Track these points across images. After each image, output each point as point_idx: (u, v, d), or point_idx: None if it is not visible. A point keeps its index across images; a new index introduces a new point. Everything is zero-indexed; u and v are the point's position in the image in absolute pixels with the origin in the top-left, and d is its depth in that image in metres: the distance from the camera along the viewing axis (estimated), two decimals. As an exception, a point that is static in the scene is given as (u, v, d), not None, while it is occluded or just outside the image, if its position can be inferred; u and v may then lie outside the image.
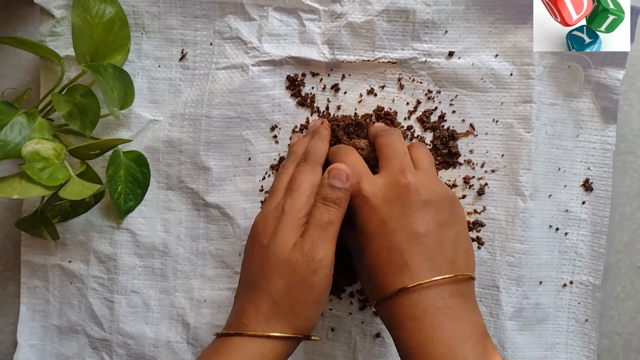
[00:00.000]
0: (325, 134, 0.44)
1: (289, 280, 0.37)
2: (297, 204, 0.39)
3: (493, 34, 0.46)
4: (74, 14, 0.43)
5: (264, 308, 0.37)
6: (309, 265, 0.37)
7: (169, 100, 0.49)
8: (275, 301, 0.37)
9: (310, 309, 0.38)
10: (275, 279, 0.37)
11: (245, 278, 0.40)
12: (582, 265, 0.48)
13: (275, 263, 0.38)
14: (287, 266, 0.37)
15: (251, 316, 0.37)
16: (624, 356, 0.49)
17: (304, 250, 0.37)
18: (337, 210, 0.38)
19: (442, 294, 0.36)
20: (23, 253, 0.50)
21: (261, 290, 0.38)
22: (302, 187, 0.40)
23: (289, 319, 0.37)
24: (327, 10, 0.47)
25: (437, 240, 0.37)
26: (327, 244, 0.37)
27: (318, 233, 0.37)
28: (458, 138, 0.47)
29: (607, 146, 0.47)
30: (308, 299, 0.37)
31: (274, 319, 0.37)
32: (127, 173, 0.48)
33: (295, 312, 0.37)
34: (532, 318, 0.47)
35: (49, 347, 0.51)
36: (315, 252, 0.37)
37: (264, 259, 0.38)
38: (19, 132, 0.42)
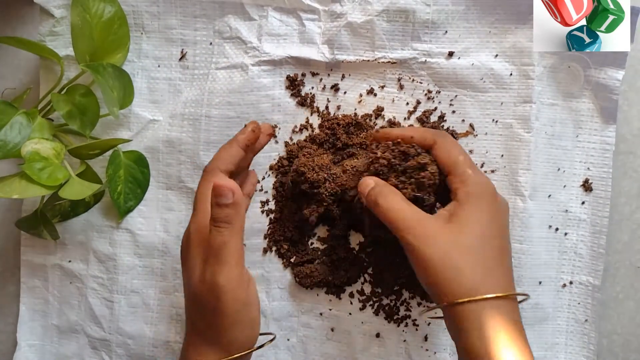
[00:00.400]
0: (240, 138, 0.41)
1: (201, 312, 0.37)
2: (195, 228, 0.38)
3: (493, 34, 0.46)
4: (73, 13, 0.43)
5: (194, 340, 0.38)
6: (212, 293, 0.36)
7: (169, 100, 0.49)
8: (201, 333, 0.37)
9: (231, 332, 0.36)
10: (193, 313, 0.38)
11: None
12: (582, 266, 0.48)
13: (189, 297, 0.38)
14: (196, 299, 0.37)
15: (188, 350, 0.38)
16: (624, 356, 0.49)
17: (205, 281, 0.36)
18: (229, 229, 0.36)
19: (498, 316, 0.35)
20: (23, 253, 0.50)
21: (190, 324, 0.38)
22: (199, 207, 0.39)
23: (217, 344, 0.36)
24: (327, 10, 0.47)
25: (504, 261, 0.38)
26: (225, 267, 0.36)
27: (214, 259, 0.36)
28: (458, 138, 0.47)
29: (606, 146, 0.47)
30: (224, 323, 0.36)
31: (204, 350, 0.37)
32: (126, 173, 0.48)
33: (218, 338, 0.36)
34: (531, 318, 0.47)
35: (49, 346, 0.51)
36: (215, 279, 0.35)
37: (184, 291, 0.39)
38: (18, 132, 0.42)
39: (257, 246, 0.49)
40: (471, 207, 0.37)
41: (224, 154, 0.41)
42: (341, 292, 0.49)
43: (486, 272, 0.36)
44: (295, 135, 0.48)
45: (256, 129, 0.42)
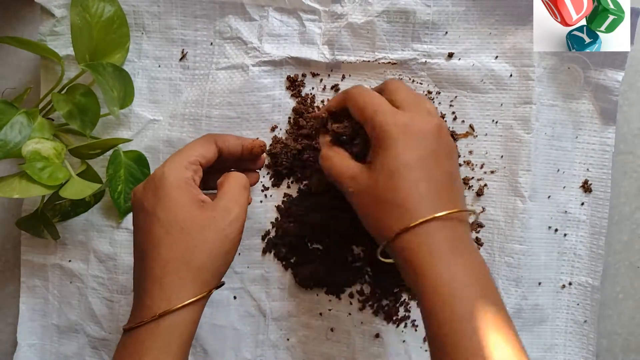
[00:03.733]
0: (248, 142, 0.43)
1: (200, 238, 0.36)
2: (180, 168, 0.38)
3: (493, 35, 0.46)
4: (73, 13, 0.43)
5: (168, 277, 0.35)
6: (225, 218, 0.37)
7: (169, 100, 0.49)
8: (183, 263, 0.36)
9: (223, 260, 0.37)
10: (180, 242, 0.36)
11: (138, 255, 0.38)
12: (581, 267, 0.48)
13: (178, 227, 0.36)
14: (196, 225, 0.36)
15: (155, 294, 0.35)
16: (624, 356, 0.49)
17: (218, 206, 0.37)
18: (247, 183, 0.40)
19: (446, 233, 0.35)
20: (23, 252, 0.50)
21: (160, 260, 0.36)
22: (186, 152, 0.39)
23: (199, 276, 0.36)
24: (328, 11, 0.47)
25: (459, 180, 0.39)
26: (243, 203, 0.39)
27: (232, 193, 0.38)
28: (458, 139, 0.47)
29: (606, 147, 0.47)
30: (222, 250, 0.37)
31: (180, 286, 0.35)
32: (127, 172, 0.48)
33: (207, 266, 0.36)
34: (530, 319, 0.47)
35: (49, 346, 0.51)
36: (232, 207, 0.38)
37: (155, 226, 0.37)
38: (19, 132, 0.42)
39: (257, 246, 0.49)
40: (382, 149, 0.37)
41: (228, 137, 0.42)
42: (341, 292, 0.49)
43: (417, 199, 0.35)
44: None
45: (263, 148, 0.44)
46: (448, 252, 0.35)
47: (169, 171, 0.38)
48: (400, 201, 0.36)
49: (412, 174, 0.36)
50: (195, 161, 0.39)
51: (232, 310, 0.49)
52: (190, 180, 0.38)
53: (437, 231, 0.35)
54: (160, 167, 0.38)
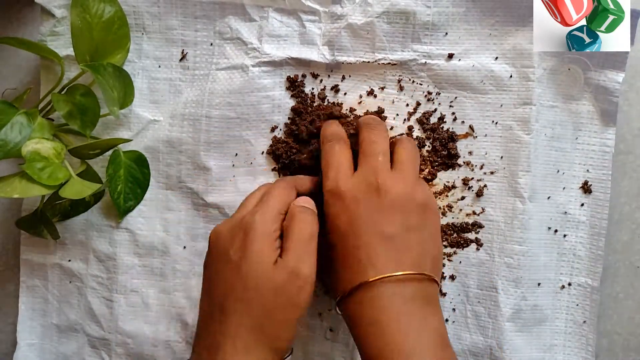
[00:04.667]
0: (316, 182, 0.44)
1: (272, 300, 0.35)
2: (268, 218, 0.37)
3: (493, 36, 0.46)
4: (73, 13, 0.43)
5: (243, 336, 0.34)
6: (295, 283, 0.35)
7: (169, 101, 0.49)
8: (257, 326, 0.34)
9: (294, 328, 0.36)
10: (254, 299, 0.35)
11: (210, 301, 0.37)
12: (581, 267, 0.48)
13: (254, 282, 0.35)
14: (270, 285, 0.35)
15: (228, 350, 0.34)
16: (623, 356, 0.49)
17: (289, 268, 0.35)
18: (314, 220, 0.38)
19: (404, 292, 0.35)
20: (22, 252, 0.50)
21: (237, 316, 0.35)
22: (275, 200, 0.39)
23: (271, 344, 0.35)
24: (328, 12, 0.47)
25: (404, 242, 0.37)
26: (311, 259, 0.36)
27: (301, 247, 0.36)
28: (457, 140, 0.47)
29: (606, 149, 0.47)
30: (293, 317, 0.35)
31: (254, 347, 0.34)
32: (127, 173, 0.48)
33: (278, 334, 0.35)
34: (530, 319, 0.47)
35: (48, 346, 0.51)
36: (302, 267, 0.35)
37: (236, 279, 0.35)
38: (19, 132, 0.42)
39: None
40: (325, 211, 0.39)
41: (304, 180, 0.44)
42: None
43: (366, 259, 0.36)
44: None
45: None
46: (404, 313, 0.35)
47: (260, 221, 0.37)
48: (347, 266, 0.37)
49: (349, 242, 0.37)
50: (281, 210, 0.38)
51: (231, 310, 0.49)
52: (276, 233, 0.37)
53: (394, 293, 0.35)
54: (251, 214, 0.37)
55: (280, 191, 0.40)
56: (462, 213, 0.48)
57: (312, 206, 0.40)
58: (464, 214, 0.48)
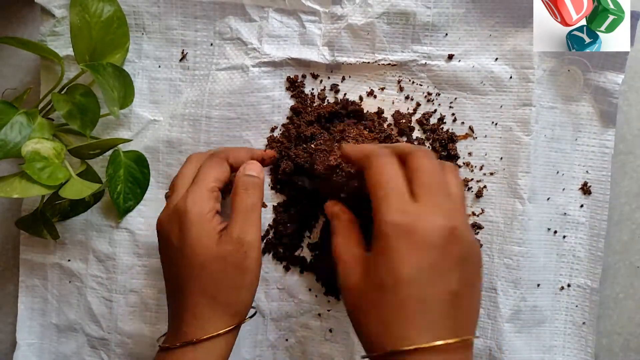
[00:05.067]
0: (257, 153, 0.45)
1: (221, 273, 0.38)
2: (199, 197, 0.39)
3: (493, 37, 0.46)
4: (72, 13, 0.43)
5: (200, 310, 0.38)
6: (239, 250, 0.38)
7: (169, 101, 0.49)
8: (211, 298, 0.38)
9: (247, 292, 0.39)
10: (204, 277, 0.38)
11: (170, 285, 0.40)
12: (580, 268, 0.48)
13: (199, 260, 0.38)
14: (216, 260, 0.37)
15: (190, 322, 0.38)
16: (623, 355, 0.49)
17: (232, 239, 0.38)
18: (257, 193, 0.40)
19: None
20: (22, 252, 0.50)
21: (191, 293, 0.38)
22: (206, 180, 0.40)
23: (228, 309, 0.38)
24: (328, 12, 0.47)
25: (466, 302, 0.33)
26: (254, 227, 0.39)
27: (243, 217, 0.38)
28: (457, 140, 0.47)
29: (605, 150, 0.47)
30: (244, 283, 0.38)
31: (213, 317, 0.38)
32: (126, 173, 0.48)
33: (232, 300, 0.38)
34: (529, 320, 0.47)
35: (48, 345, 0.51)
36: (244, 236, 0.38)
37: (182, 260, 0.38)
38: (18, 132, 0.42)
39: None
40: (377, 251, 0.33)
41: (237, 151, 0.43)
42: (340, 293, 0.49)
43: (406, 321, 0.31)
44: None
45: (273, 158, 0.46)
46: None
47: (192, 205, 0.39)
48: (387, 319, 0.32)
49: (403, 291, 0.31)
50: (213, 188, 0.40)
51: (231, 310, 0.49)
52: (210, 213, 0.39)
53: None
54: (183, 200, 0.39)
55: (210, 169, 0.41)
56: (461, 214, 0.48)
57: (259, 172, 0.41)
58: (464, 215, 0.48)
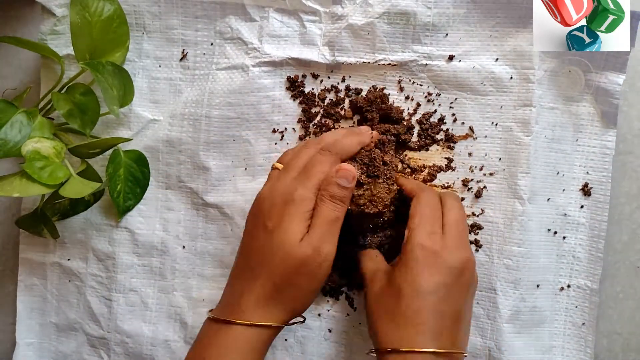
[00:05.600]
0: (366, 136, 0.44)
1: (294, 271, 0.38)
2: (307, 194, 0.39)
3: (494, 37, 0.46)
4: (73, 12, 0.43)
5: (264, 294, 0.38)
6: (316, 259, 0.38)
7: (169, 100, 0.49)
8: (277, 288, 0.38)
9: (310, 296, 0.40)
10: (279, 267, 0.38)
11: (245, 260, 0.41)
12: (580, 269, 0.48)
13: (281, 253, 0.38)
14: (295, 258, 0.38)
15: (250, 302, 0.39)
16: (624, 355, 0.49)
17: (313, 245, 0.38)
18: (343, 208, 0.40)
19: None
20: (21, 251, 0.50)
21: (263, 276, 0.39)
22: (316, 177, 0.40)
23: (289, 304, 0.39)
24: (328, 12, 0.47)
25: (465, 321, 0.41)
26: (333, 239, 0.39)
27: (326, 228, 0.39)
28: (457, 141, 0.47)
29: (606, 151, 0.47)
30: (310, 287, 0.39)
31: (272, 305, 0.39)
32: (126, 172, 0.48)
33: (295, 298, 0.39)
34: (529, 321, 0.47)
35: (47, 344, 0.51)
36: (323, 246, 0.38)
37: (267, 246, 0.39)
38: (19, 131, 0.42)
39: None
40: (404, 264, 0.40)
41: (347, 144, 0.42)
42: (339, 294, 0.49)
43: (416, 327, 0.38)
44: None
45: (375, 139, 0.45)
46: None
47: (299, 199, 0.39)
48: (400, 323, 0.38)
49: (419, 301, 0.38)
50: (319, 185, 0.40)
51: (230, 310, 0.49)
52: (309, 212, 0.39)
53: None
54: (291, 188, 0.40)
55: (323, 167, 0.40)
56: (461, 214, 0.48)
57: (351, 181, 0.40)
58: (464, 215, 0.48)
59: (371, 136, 0.44)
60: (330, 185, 0.40)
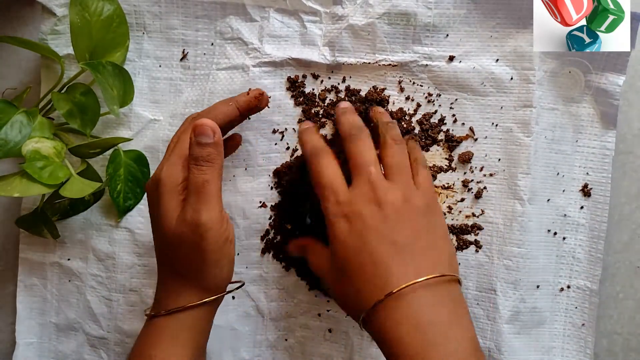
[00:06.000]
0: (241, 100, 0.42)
1: (182, 253, 0.37)
2: (173, 169, 0.38)
3: (494, 38, 0.46)
4: (72, 11, 0.43)
5: (171, 282, 0.39)
6: (195, 232, 0.36)
7: (170, 100, 0.49)
8: (177, 273, 0.38)
9: (213, 269, 0.38)
10: (170, 253, 0.38)
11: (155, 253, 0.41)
12: (580, 270, 0.48)
13: (165, 240, 0.38)
14: (176, 240, 0.37)
15: (162, 294, 0.39)
16: (624, 355, 0.49)
17: (186, 221, 0.36)
18: (211, 168, 0.37)
19: (431, 296, 0.35)
20: (22, 251, 0.50)
21: (163, 266, 0.40)
22: (178, 147, 0.39)
23: (197, 285, 0.38)
24: (329, 12, 0.47)
25: (418, 248, 0.37)
26: (207, 205, 0.36)
27: (195, 198, 0.37)
28: (458, 141, 0.47)
29: (606, 151, 0.47)
30: (206, 263, 0.37)
31: (183, 291, 0.38)
32: (126, 172, 0.48)
33: (199, 277, 0.38)
34: (528, 322, 0.47)
35: (47, 344, 0.51)
36: (198, 217, 0.36)
37: (156, 233, 0.40)
38: (19, 131, 0.42)
39: (255, 246, 0.49)
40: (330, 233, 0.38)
41: (218, 108, 0.41)
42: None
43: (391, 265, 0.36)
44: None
45: (260, 97, 0.43)
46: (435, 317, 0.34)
47: (165, 175, 0.38)
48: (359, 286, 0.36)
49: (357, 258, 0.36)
50: (185, 153, 0.38)
51: (230, 310, 0.49)
52: (180, 185, 0.38)
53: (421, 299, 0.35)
54: (159, 168, 0.39)
55: (185, 135, 0.39)
56: (461, 215, 0.48)
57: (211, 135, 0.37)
58: (464, 216, 0.48)
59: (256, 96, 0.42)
60: (191, 147, 0.37)
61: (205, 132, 0.37)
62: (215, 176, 0.37)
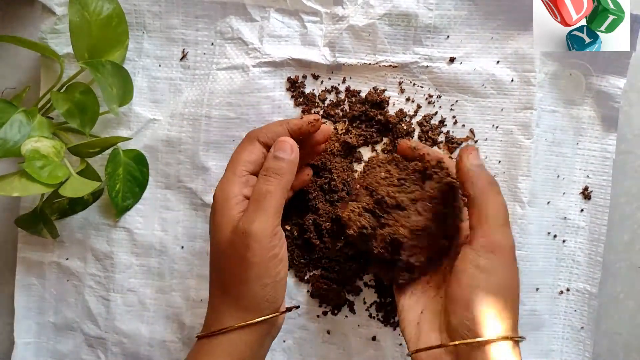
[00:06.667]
0: (292, 122, 0.40)
1: (229, 264, 0.36)
2: (227, 186, 0.38)
3: (495, 40, 0.46)
4: (72, 11, 0.43)
5: (215, 301, 0.38)
6: (243, 241, 0.35)
7: (169, 100, 0.49)
8: (222, 290, 0.37)
9: (254, 286, 0.36)
10: (219, 268, 0.37)
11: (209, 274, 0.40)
12: (579, 273, 0.48)
13: (217, 251, 0.37)
14: (227, 250, 0.36)
15: (208, 314, 0.38)
16: (624, 356, 0.49)
17: (238, 229, 0.36)
18: (277, 180, 0.37)
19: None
20: (20, 250, 0.50)
21: (212, 284, 0.39)
22: (233, 163, 0.38)
23: (238, 304, 0.36)
24: (329, 13, 0.46)
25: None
26: (263, 216, 0.35)
27: (254, 207, 0.36)
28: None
29: (606, 154, 0.47)
30: (248, 276, 0.35)
31: (226, 311, 0.36)
32: (125, 171, 0.48)
33: (241, 293, 0.36)
34: (528, 324, 0.47)
35: (45, 344, 0.51)
36: (249, 226, 0.35)
37: (211, 249, 0.39)
38: (18, 130, 0.42)
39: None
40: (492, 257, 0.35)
41: (271, 128, 0.40)
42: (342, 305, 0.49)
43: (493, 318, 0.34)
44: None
45: (314, 122, 0.41)
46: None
47: (219, 191, 0.38)
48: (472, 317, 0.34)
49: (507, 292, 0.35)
50: (242, 172, 0.38)
51: (229, 311, 0.49)
52: (235, 199, 0.37)
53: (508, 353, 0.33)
54: (219, 184, 0.38)
55: (238, 152, 0.39)
56: (461, 217, 0.48)
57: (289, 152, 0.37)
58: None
59: (310, 121, 0.41)
60: (267, 160, 0.38)
61: (283, 148, 0.38)
62: (279, 190, 0.37)
